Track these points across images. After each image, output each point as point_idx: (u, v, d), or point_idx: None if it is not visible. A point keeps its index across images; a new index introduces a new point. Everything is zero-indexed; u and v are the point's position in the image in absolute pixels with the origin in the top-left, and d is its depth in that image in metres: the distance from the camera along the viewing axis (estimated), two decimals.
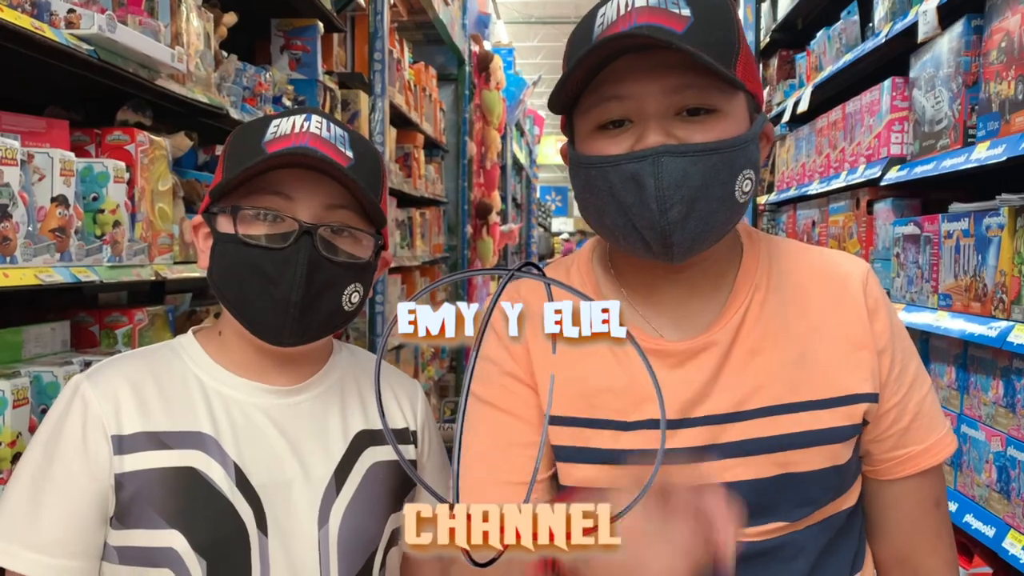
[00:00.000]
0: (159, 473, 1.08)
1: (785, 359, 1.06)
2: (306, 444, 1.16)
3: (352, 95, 3.88)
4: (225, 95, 2.53)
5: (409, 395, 1.29)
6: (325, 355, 1.24)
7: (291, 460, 1.14)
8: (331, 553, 1.14)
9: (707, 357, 1.06)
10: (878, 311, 1.09)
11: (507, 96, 8.54)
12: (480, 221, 7.02)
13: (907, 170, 2.20)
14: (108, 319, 2.02)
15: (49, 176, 1.62)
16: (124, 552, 1.09)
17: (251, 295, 1.07)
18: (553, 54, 21.17)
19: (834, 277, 1.10)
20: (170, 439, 1.10)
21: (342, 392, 1.22)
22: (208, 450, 1.10)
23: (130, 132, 1.99)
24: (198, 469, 1.09)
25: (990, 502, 1.75)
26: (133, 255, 1.93)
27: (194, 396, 1.14)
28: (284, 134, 1.10)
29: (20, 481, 1.09)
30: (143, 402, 1.11)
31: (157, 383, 1.13)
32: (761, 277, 1.10)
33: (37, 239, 1.57)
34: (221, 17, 2.60)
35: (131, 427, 1.09)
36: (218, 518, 1.08)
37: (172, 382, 1.14)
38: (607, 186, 0.99)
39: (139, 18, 2.01)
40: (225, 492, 1.09)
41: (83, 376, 1.13)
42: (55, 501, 1.07)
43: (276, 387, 1.18)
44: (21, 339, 1.75)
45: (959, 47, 1.97)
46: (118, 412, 1.09)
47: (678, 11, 0.97)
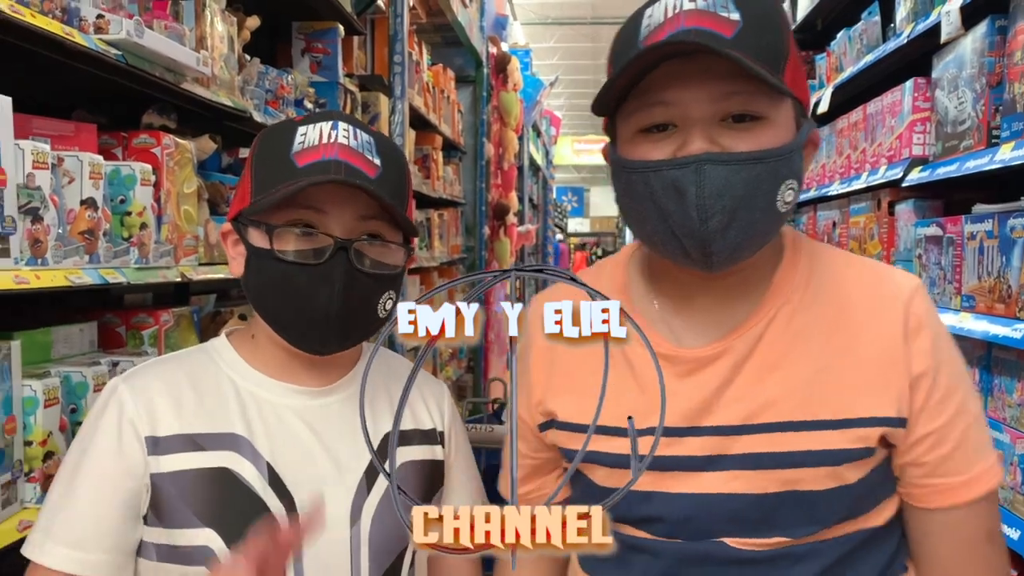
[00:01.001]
0: (194, 474, 1.11)
1: (802, 375, 1.03)
2: (337, 444, 1.18)
3: (372, 97, 3.90)
4: (248, 98, 2.56)
5: (436, 396, 1.31)
6: (355, 357, 1.26)
7: (323, 460, 1.16)
8: (362, 552, 1.16)
9: (720, 366, 1.04)
10: (920, 332, 1.02)
11: (524, 97, 8.54)
12: (497, 222, 7.03)
13: (929, 171, 2.19)
14: (134, 320, 2.05)
15: (79, 179, 1.64)
16: (161, 550, 1.11)
17: (289, 309, 1.10)
18: (570, 55, 21.19)
19: (876, 293, 1.05)
20: (204, 440, 1.12)
21: (372, 393, 1.23)
22: (241, 451, 1.13)
23: (156, 135, 2.02)
24: (231, 469, 1.11)
25: (1015, 504, 1.74)
26: (159, 257, 1.96)
27: (228, 398, 1.16)
28: (312, 145, 1.11)
29: (59, 480, 1.13)
30: (178, 404, 1.14)
31: (192, 386, 1.16)
32: (795, 289, 1.06)
33: (67, 241, 1.59)
34: (244, 21, 2.62)
35: (166, 429, 1.12)
36: (252, 517, 1.10)
37: (207, 384, 1.17)
38: (648, 191, 0.98)
39: (164, 23, 2.04)
40: (258, 491, 1.11)
41: (120, 378, 1.16)
42: (88, 498, 1.10)
43: (308, 388, 1.20)
44: (51, 339, 1.78)
45: (983, 47, 1.96)
46: (153, 414, 1.12)
47: (727, 15, 0.95)
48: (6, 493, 1.43)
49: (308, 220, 1.10)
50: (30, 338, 1.67)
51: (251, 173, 1.15)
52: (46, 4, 1.53)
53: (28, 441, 1.50)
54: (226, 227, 1.19)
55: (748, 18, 0.95)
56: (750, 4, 0.96)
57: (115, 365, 1.84)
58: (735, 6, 0.95)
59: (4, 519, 1.42)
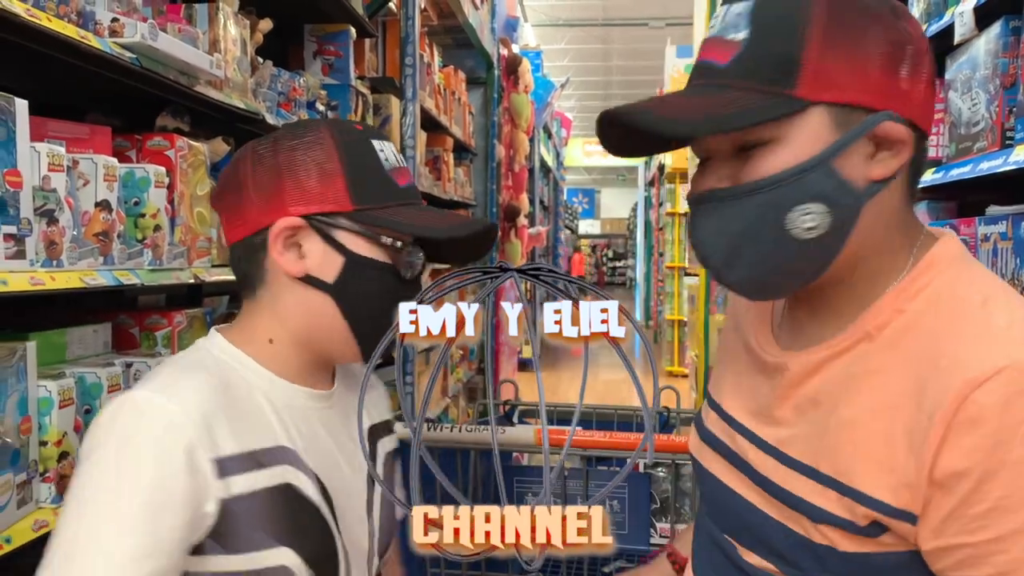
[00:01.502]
0: (264, 493, 1.06)
1: (833, 420, 0.95)
2: (347, 445, 1.20)
3: (383, 100, 3.92)
4: (261, 100, 2.57)
5: (377, 391, 1.41)
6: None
7: (343, 463, 1.18)
8: (375, 543, 1.21)
9: (775, 379, 1.04)
10: (976, 425, 0.83)
11: (535, 99, 8.55)
12: (508, 224, 7.04)
13: (943, 172, 2.18)
14: (148, 321, 2.06)
15: (93, 181, 1.66)
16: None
17: (384, 323, 0.94)
18: (580, 56, 21.17)
19: (953, 364, 0.86)
20: (263, 457, 1.07)
21: (347, 390, 1.27)
22: (294, 463, 1.10)
23: (170, 138, 2.03)
24: (293, 484, 1.09)
25: None
26: (173, 258, 1.97)
27: (263, 409, 1.12)
28: (396, 166, 1.17)
29: (94, 508, 0.97)
30: (229, 420, 1.06)
31: (230, 399, 1.09)
32: (879, 327, 0.95)
33: (82, 243, 1.61)
34: (257, 23, 2.63)
35: (228, 449, 1.04)
36: (319, 529, 1.09)
37: (241, 396, 1.11)
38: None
39: (178, 26, 2.05)
40: (317, 503, 1.10)
41: (151, 393, 1.03)
42: (141, 541, 0.96)
43: (318, 391, 1.20)
44: (65, 340, 1.79)
45: (996, 48, 1.96)
46: (211, 433, 1.03)
47: (734, 35, 0.92)
48: (22, 493, 1.44)
49: (405, 237, 1.14)
50: (45, 339, 1.68)
51: (344, 177, 1.11)
52: (62, 8, 1.54)
53: (43, 441, 1.51)
54: (294, 223, 1.11)
55: (757, 31, 0.91)
56: (766, 10, 0.91)
57: (129, 366, 1.85)
58: (748, 21, 0.91)
59: (20, 519, 1.44)
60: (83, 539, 0.95)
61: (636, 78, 23.56)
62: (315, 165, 1.11)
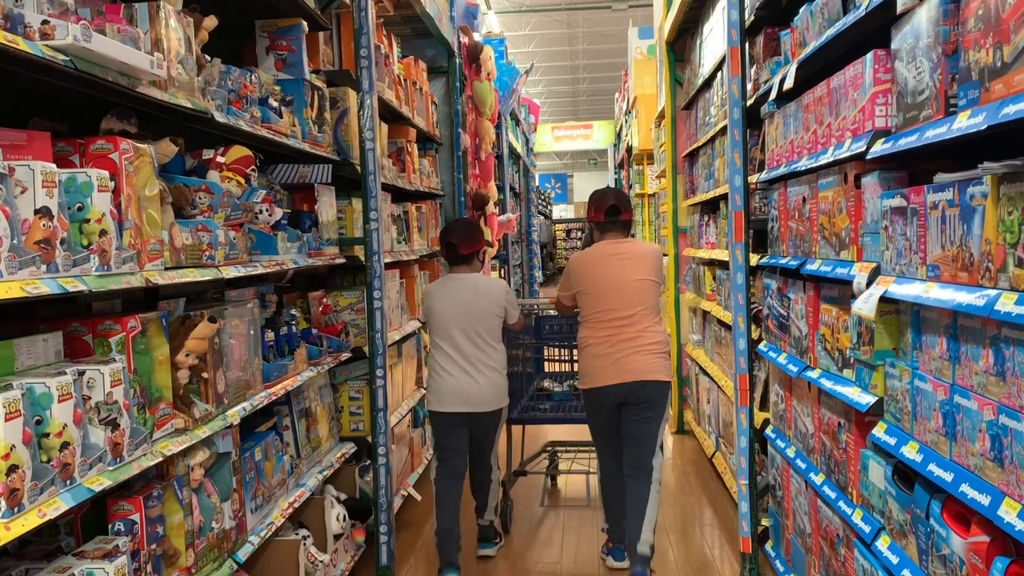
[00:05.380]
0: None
1: None
2: None
3: (340, 93, 3.88)
4: (210, 99, 2.54)
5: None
6: None
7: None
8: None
9: None
10: None
11: (500, 86, 8.51)
12: (477, 212, 7.01)
13: (892, 142, 2.19)
14: (101, 327, 2.03)
15: (31, 188, 1.63)
16: None
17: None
18: (546, 42, 21.06)
19: None
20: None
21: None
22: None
23: (113, 140, 2.00)
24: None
25: (984, 471, 1.75)
26: (122, 263, 1.94)
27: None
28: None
29: None
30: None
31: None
32: None
33: (22, 252, 1.58)
34: (201, 21, 2.60)
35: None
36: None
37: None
38: None
39: (117, 26, 2.01)
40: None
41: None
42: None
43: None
44: (12, 352, 1.76)
45: (938, 16, 1.96)
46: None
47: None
48: None
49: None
50: None
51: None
52: None
53: None
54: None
55: None
56: None
57: (81, 374, 1.83)
58: None
59: None
60: None
61: (602, 61, 23.48)
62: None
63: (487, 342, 3.81)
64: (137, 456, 1.96)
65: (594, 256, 3.72)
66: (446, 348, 3.81)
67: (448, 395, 3.79)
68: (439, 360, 3.83)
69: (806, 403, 3.05)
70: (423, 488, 5.11)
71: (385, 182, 4.36)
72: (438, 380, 3.83)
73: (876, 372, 2.35)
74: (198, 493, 2.35)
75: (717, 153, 4.93)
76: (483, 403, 3.79)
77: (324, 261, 3.54)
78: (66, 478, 1.67)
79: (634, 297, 3.61)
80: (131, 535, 2.02)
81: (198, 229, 2.38)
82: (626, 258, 3.67)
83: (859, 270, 2.37)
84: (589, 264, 3.71)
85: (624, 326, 3.60)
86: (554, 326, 4.73)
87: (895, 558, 2.16)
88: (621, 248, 3.70)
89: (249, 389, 2.73)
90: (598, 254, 3.71)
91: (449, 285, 3.89)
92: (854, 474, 2.55)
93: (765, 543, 3.76)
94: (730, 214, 3.57)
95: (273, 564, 3.03)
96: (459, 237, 3.88)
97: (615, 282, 3.63)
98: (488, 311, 3.82)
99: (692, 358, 6.15)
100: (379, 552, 3.75)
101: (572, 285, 3.76)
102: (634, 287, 3.62)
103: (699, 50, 5.58)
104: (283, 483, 3.08)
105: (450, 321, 3.80)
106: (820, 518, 2.88)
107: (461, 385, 3.77)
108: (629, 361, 3.56)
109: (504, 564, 4.04)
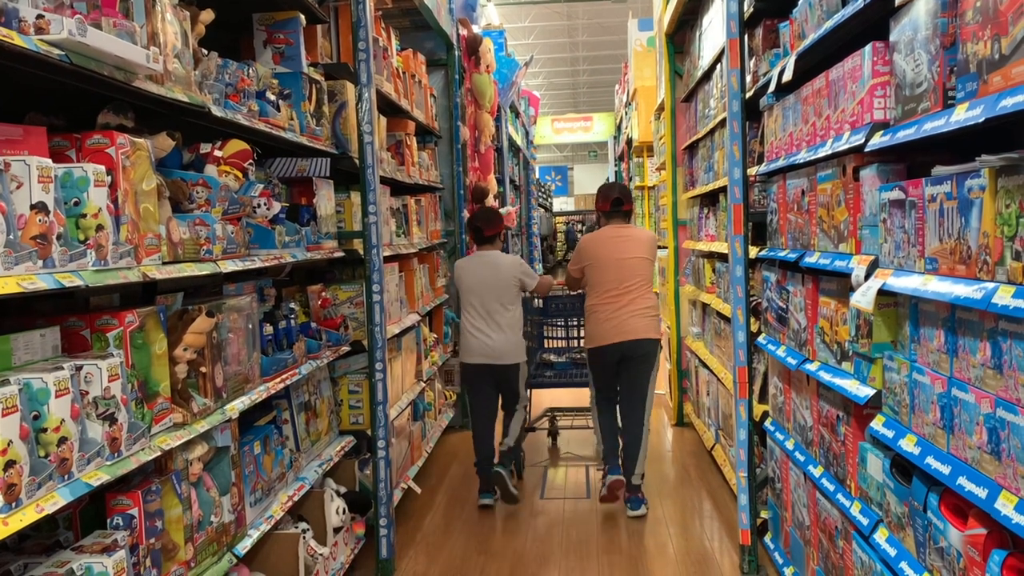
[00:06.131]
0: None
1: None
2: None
3: (338, 86, 3.88)
4: (207, 93, 2.53)
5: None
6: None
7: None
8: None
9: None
10: None
11: (499, 78, 8.49)
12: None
13: (890, 135, 2.19)
14: (99, 322, 2.03)
15: (27, 183, 1.62)
16: None
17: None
18: (545, 34, 21.01)
19: None
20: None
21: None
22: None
23: (109, 135, 2.00)
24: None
25: (982, 464, 1.75)
26: (119, 258, 1.94)
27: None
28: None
29: None
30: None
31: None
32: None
33: (18, 247, 1.58)
34: (198, 15, 2.59)
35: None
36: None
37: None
38: None
39: (113, 20, 2.01)
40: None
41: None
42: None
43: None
44: (10, 347, 1.76)
45: (936, 8, 1.96)
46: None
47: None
48: None
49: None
50: None
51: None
52: None
53: None
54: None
55: None
56: None
57: (79, 369, 1.83)
58: None
59: None
60: None
61: (602, 53, 23.42)
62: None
63: (504, 306, 4.73)
64: (135, 451, 1.96)
65: (601, 237, 4.61)
66: (473, 310, 4.75)
67: (475, 350, 4.73)
68: (468, 320, 4.76)
69: (805, 396, 3.05)
70: (423, 481, 5.12)
71: (384, 175, 4.35)
72: (467, 338, 4.76)
73: (874, 365, 2.35)
74: (197, 487, 2.35)
75: (716, 145, 4.92)
76: (501, 356, 4.70)
77: (323, 255, 3.54)
78: (64, 473, 1.68)
79: (632, 271, 4.48)
80: (130, 529, 2.02)
81: (196, 223, 2.37)
82: (627, 239, 4.54)
83: (857, 263, 2.37)
84: (598, 243, 4.58)
85: (622, 294, 4.45)
86: (559, 305, 5.87)
87: (893, 551, 2.16)
88: (623, 232, 4.58)
89: (248, 383, 2.73)
90: (604, 236, 4.60)
91: (475, 260, 4.86)
92: (852, 467, 2.55)
93: (764, 535, 3.77)
94: (729, 207, 3.57)
95: (273, 558, 3.04)
96: (483, 222, 4.90)
97: (617, 258, 4.49)
98: (506, 281, 4.75)
99: (692, 351, 6.15)
100: (379, 545, 3.76)
101: (582, 259, 4.63)
102: (632, 263, 4.48)
103: (698, 42, 5.57)
104: (282, 477, 3.08)
105: (476, 288, 4.75)
106: (819, 510, 2.89)
107: (484, 342, 4.71)
108: (627, 323, 4.43)
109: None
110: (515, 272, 4.78)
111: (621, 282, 4.46)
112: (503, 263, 4.80)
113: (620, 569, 3.83)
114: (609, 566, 3.88)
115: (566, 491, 5.02)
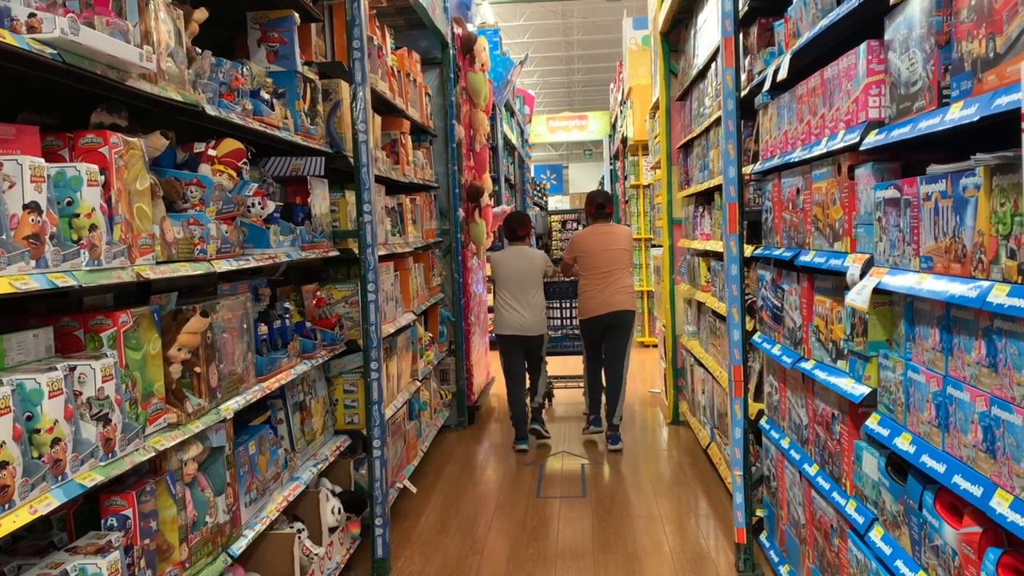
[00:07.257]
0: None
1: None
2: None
3: (333, 85, 3.87)
4: (200, 92, 2.52)
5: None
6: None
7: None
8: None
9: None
10: None
11: (494, 77, 8.48)
12: (472, 204, 7.00)
13: (885, 134, 2.19)
14: (92, 322, 2.03)
15: (20, 183, 1.62)
16: None
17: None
18: (541, 32, 21.01)
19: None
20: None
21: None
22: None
23: (103, 134, 1.99)
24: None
25: (977, 462, 1.75)
26: (113, 258, 1.93)
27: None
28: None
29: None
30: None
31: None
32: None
33: (11, 247, 1.57)
34: (192, 13, 2.58)
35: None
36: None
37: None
38: None
39: (106, 19, 2.00)
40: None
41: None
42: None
43: None
44: (3, 348, 1.76)
45: (930, 7, 1.96)
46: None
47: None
48: None
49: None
50: None
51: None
52: None
53: None
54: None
55: None
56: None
57: (72, 369, 1.82)
58: None
59: None
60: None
61: (596, 51, 23.43)
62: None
63: (535, 289, 6.06)
64: (129, 451, 1.96)
65: (589, 233, 6.06)
66: (509, 293, 6.02)
67: (510, 324, 6.01)
68: (505, 300, 6.03)
69: (800, 394, 3.05)
70: (419, 480, 5.11)
71: (379, 174, 4.35)
72: (503, 313, 6.02)
73: (869, 363, 2.35)
74: (191, 487, 2.34)
75: (711, 144, 4.92)
76: (530, 329, 6.03)
77: (317, 254, 3.53)
78: (57, 474, 1.67)
79: (614, 259, 5.89)
80: (124, 530, 2.01)
81: (189, 223, 2.37)
82: (609, 235, 5.99)
83: (853, 261, 2.37)
84: (587, 238, 6.03)
85: (607, 275, 5.87)
86: (556, 288, 7.31)
87: (888, 549, 2.16)
88: (606, 229, 6.03)
89: (242, 383, 2.73)
90: (591, 232, 6.05)
91: (510, 252, 6.16)
92: (848, 465, 2.55)
93: (760, 534, 3.77)
94: (724, 205, 3.57)
95: (268, 558, 3.03)
96: (517, 224, 6.27)
97: (602, 250, 5.91)
98: (535, 270, 6.09)
99: (687, 349, 6.16)
100: (374, 544, 3.75)
101: (575, 251, 6.05)
102: (614, 253, 5.91)
103: (693, 40, 5.57)
104: (277, 477, 3.08)
105: (513, 276, 6.03)
106: (814, 509, 2.89)
107: (516, 318, 6.00)
108: (611, 299, 5.85)
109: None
110: (542, 264, 6.14)
111: (605, 266, 5.87)
112: (535, 256, 6.16)
113: (616, 567, 3.83)
114: (605, 564, 3.88)
115: (562, 490, 5.02)
